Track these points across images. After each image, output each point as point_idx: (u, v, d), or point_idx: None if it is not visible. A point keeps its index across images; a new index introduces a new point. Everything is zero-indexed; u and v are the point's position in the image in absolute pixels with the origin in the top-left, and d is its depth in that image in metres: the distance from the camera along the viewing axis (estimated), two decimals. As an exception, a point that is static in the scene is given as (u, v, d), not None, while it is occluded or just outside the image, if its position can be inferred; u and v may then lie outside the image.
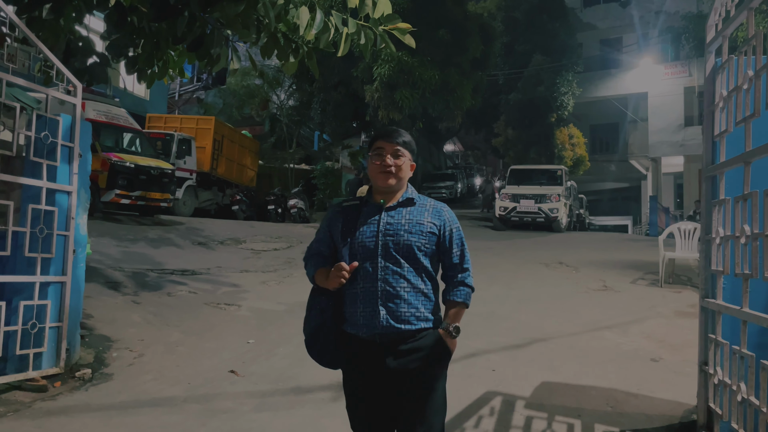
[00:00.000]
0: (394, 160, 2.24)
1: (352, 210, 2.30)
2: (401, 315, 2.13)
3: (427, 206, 2.29)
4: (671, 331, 5.84)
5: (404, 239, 2.17)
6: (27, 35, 4.12)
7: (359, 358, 2.18)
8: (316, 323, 2.24)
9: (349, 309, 2.20)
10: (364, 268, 2.16)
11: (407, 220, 2.21)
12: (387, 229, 2.19)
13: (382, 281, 2.14)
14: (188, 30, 4.31)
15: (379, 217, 2.23)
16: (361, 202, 2.33)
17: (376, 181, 2.27)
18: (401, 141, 2.26)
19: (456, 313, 2.25)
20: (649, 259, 10.08)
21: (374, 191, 2.31)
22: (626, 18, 28.21)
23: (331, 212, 2.37)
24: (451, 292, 2.28)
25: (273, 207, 18.63)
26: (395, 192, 2.28)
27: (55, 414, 3.72)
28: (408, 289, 2.16)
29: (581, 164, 24.89)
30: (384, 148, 2.25)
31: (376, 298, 2.14)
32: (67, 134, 4.44)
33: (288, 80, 22.63)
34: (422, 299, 2.18)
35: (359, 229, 2.22)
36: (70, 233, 4.46)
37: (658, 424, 3.66)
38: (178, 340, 5.42)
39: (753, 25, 2.84)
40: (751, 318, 2.65)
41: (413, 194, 2.32)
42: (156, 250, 9.74)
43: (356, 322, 2.17)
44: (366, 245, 2.18)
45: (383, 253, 2.16)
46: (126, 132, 13.62)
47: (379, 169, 2.24)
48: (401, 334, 2.13)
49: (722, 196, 3.16)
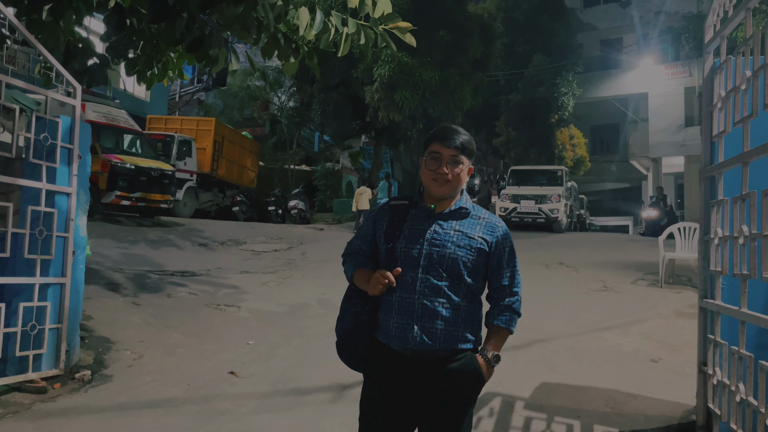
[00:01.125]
0: (452, 169, 2.06)
1: (399, 210, 2.14)
2: (436, 333, 1.99)
3: (481, 219, 2.13)
4: (671, 332, 5.84)
5: (450, 252, 2.02)
6: (26, 37, 4.12)
7: (387, 369, 2.05)
8: (349, 326, 2.13)
9: (383, 317, 2.07)
10: (403, 277, 2.02)
11: (456, 232, 2.06)
12: (434, 238, 2.04)
13: (420, 294, 2.00)
14: (187, 31, 4.32)
15: (427, 224, 2.07)
16: (410, 202, 2.17)
17: (429, 187, 2.11)
18: (459, 145, 2.07)
19: (498, 339, 2.13)
20: (649, 259, 10.07)
21: (426, 193, 2.16)
22: (626, 18, 28.21)
23: (378, 209, 2.22)
24: (495, 316, 2.14)
25: (273, 208, 18.67)
26: (448, 199, 2.13)
27: (54, 415, 3.72)
28: (447, 306, 2.01)
29: (582, 165, 24.92)
30: (441, 153, 2.06)
31: (412, 311, 2.00)
32: (66, 136, 4.45)
33: (288, 81, 22.63)
34: (462, 318, 2.04)
35: (405, 233, 2.07)
36: (69, 235, 4.46)
37: (657, 425, 3.66)
38: (177, 341, 5.42)
39: (751, 26, 2.84)
40: (750, 318, 2.65)
41: (467, 203, 2.14)
42: (156, 252, 9.75)
43: (389, 333, 2.04)
44: (409, 252, 2.04)
45: (426, 264, 2.02)
46: (126, 133, 13.65)
47: (433, 176, 2.07)
48: (434, 354, 2.00)
49: (721, 196, 3.15)
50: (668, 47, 25.23)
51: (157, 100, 21.96)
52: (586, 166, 25.38)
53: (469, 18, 18.54)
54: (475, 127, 29.77)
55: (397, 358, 2.02)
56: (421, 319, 1.99)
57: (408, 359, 2.01)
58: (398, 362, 2.02)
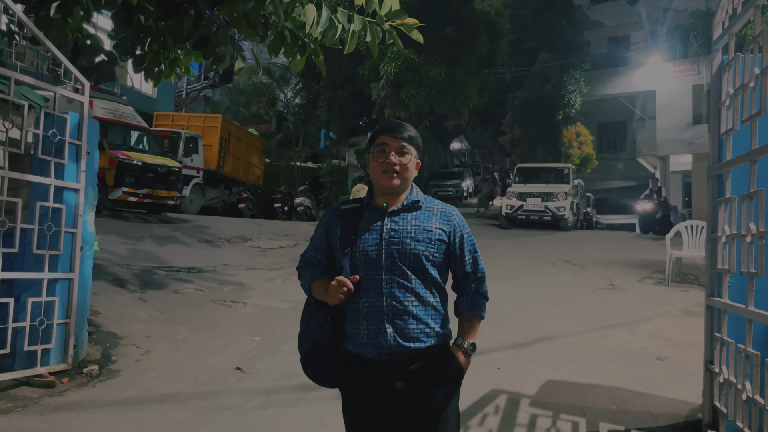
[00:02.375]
0: (399, 158, 2.01)
1: (351, 214, 2.07)
2: (410, 332, 1.93)
3: (435, 210, 2.07)
4: (678, 330, 5.82)
5: (411, 248, 1.96)
6: (35, 34, 4.14)
7: (362, 379, 1.97)
8: (313, 340, 2.04)
9: (351, 326, 1.98)
10: (367, 281, 1.95)
11: (413, 226, 2.00)
12: (391, 236, 1.98)
13: (387, 296, 1.94)
14: (194, 28, 4.33)
15: (382, 222, 2.00)
16: (361, 204, 2.09)
17: (378, 181, 2.04)
18: (407, 136, 2.03)
19: (471, 327, 2.06)
20: (656, 257, 10.04)
21: (376, 193, 2.09)
22: (634, 15, 28.09)
23: (328, 216, 2.13)
24: (464, 304, 2.08)
25: (279, 205, 18.68)
26: (399, 194, 2.06)
27: (62, 409, 3.75)
28: (416, 304, 1.95)
29: (588, 162, 24.85)
30: (387, 145, 2.02)
31: (381, 314, 1.93)
32: (74, 132, 4.47)
33: (295, 78, 22.67)
34: (432, 313, 1.98)
35: (360, 236, 1.99)
36: (77, 230, 4.49)
37: (664, 423, 3.66)
38: (184, 337, 5.45)
39: (759, 23, 2.83)
40: (757, 317, 2.64)
41: (419, 196, 2.09)
42: (163, 248, 9.79)
43: (359, 341, 1.96)
44: (368, 255, 1.96)
45: (388, 263, 1.95)
46: (133, 130, 13.69)
47: (381, 168, 2.01)
48: (410, 353, 1.94)
49: (728, 194, 3.14)
50: (676, 44, 25.10)
51: (164, 97, 22.03)
52: (592, 164, 25.30)
53: (475, 15, 18.53)
54: (482, 125, 29.81)
55: (371, 367, 1.95)
56: (392, 320, 1.93)
57: (383, 365, 1.94)
58: (372, 371, 1.95)
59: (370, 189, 2.14)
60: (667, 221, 15.85)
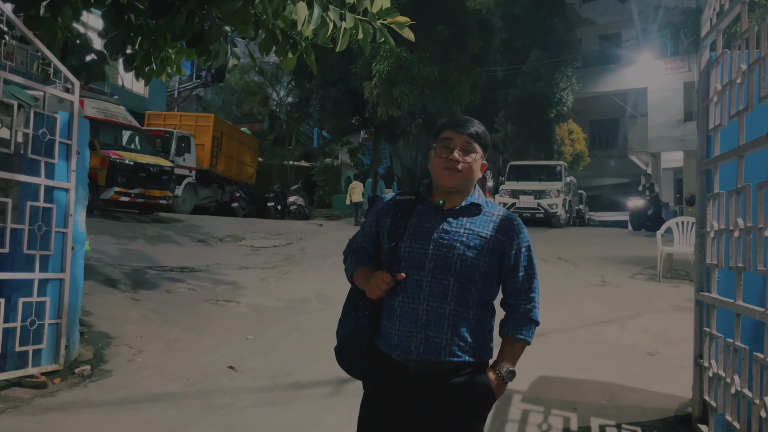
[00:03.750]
0: (464, 157, 1.86)
1: (405, 206, 1.94)
2: (442, 343, 1.79)
3: (494, 216, 1.91)
4: (669, 326, 5.86)
5: (459, 253, 1.81)
6: (24, 33, 4.12)
7: (387, 382, 1.86)
8: (348, 331, 1.96)
9: (385, 324, 1.88)
10: (407, 280, 1.82)
11: (467, 231, 1.85)
12: (442, 237, 1.83)
13: (426, 299, 1.80)
14: (186, 26, 4.32)
15: (435, 222, 1.87)
16: (417, 198, 1.96)
17: (438, 178, 1.90)
18: (474, 132, 1.89)
19: (514, 352, 1.89)
20: (647, 254, 10.09)
21: (435, 189, 1.95)
22: (625, 13, 28.17)
23: (381, 205, 2.02)
24: (510, 326, 1.90)
25: (272, 204, 18.68)
26: (459, 193, 1.91)
27: (54, 410, 3.74)
28: (455, 314, 1.80)
29: (581, 160, 24.94)
30: (452, 140, 1.87)
31: (416, 318, 1.80)
32: (64, 131, 4.45)
33: (287, 77, 22.62)
34: (471, 327, 1.82)
35: (409, 231, 1.87)
36: (68, 230, 4.47)
37: (654, 417, 3.68)
38: (177, 336, 5.44)
39: (746, 19, 2.85)
40: (745, 311, 2.66)
41: (480, 199, 1.93)
42: (155, 248, 9.76)
43: (390, 342, 1.85)
44: (414, 253, 1.83)
45: (433, 266, 1.81)
46: (125, 129, 13.64)
47: (444, 164, 1.87)
48: (440, 366, 1.80)
49: (717, 189, 3.17)
50: (667, 42, 25.20)
51: (156, 96, 21.95)
52: (585, 161, 25.40)
53: (467, 13, 18.53)
54: (474, 123, 29.76)
55: (399, 370, 1.83)
56: (425, 327, 1.79)
57: (410, 371, 1.81)
58: (399, 374, 1.83)
59: (429, 183, 2.01)
60: (659, 218, 15.94)
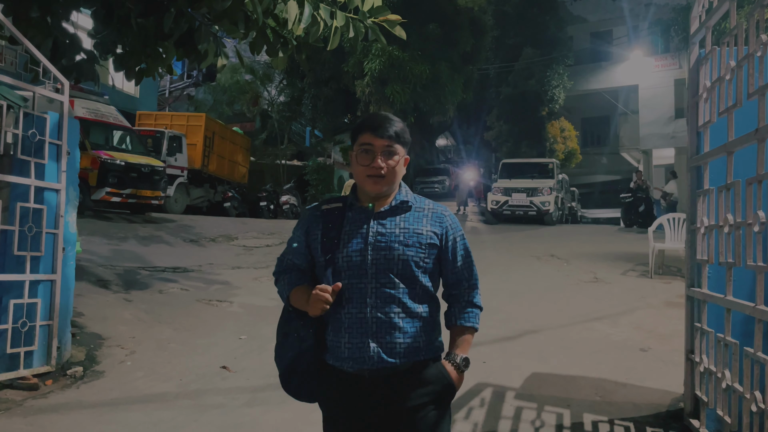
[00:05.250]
0: (386, 161, 1.80)
1: (333, 215, 1.86)
2: (396, 347, 1.75)
3: (425, 210, 1.88)
4: (660, 322, 5.90)
5: (399, 253, 1.77)
6: (14, 33, 4.09)
7: (343, 395, 1.79)
8: (293, 354, 1.85)
9: (332, 338, 1.79)
10: (350, 290, 1.76)
11: (402, 230, 1.81)
12: (378, 240, 1.78)
13: (372, 307, 1.75)
14: (175, 25, 4.30)
15: (367, 225, 1.81)
16: (344, 204, 1.89)
17: (363, 185, 1.84)
18: (393, 134, 1.80)
19: (465, 340, 1.88)
20: (639, 250, 10.14)
21: (360, 192, 1.89)
22: (616, 10, 28.30)
23: (308, 216, 1.92)
24: (457, 316, 1.90)
25: (265, 203, 18.63)
26: (387, 194, 1.87)
27: (46, 412, 3.72)
28: (403, 315, 1.76)
29: (573, 157, 25.03)
30: (372, 145, 1.80)
31: (365, 327, 1.75)
32: (54, 132, 4.42)
33: (279, 76, 22.58)
34: (421, 325, 1.79)
35: (344, 240, 1.80)
36: (59, 231, 4.44)
37: (646, 413, 3.71)
38: (169, 336, 5.42)
39: (735, 16, 2.87)
40: (735, 306, 2.68)
41: (408, 196, 1.89)
42: (147, 248, 9.72)
43: (340, 355, 1.77)
44: (352, 261, 1.77)
45: (374, 271, 1.76)
46: (116, 129, 13.57)
47: (366, 172, 1.81)
48: (395, 369, 1.76)
49: (707, 186, 3.19)
50: (658, 39, 25.34)
51: (147, 96, 21.84)
52: (577, 159, 25.49)
53: (459, 11, 18.56)
54: (467, 121, 29.84)
55: (353, 381, 1.77)
56: (376, 334, 1.74)
57: (366, 381, 1.76)
58: (355, 386, 1.77)
59: (353, 187, 1.95)
60: (651, 214, 16.01)
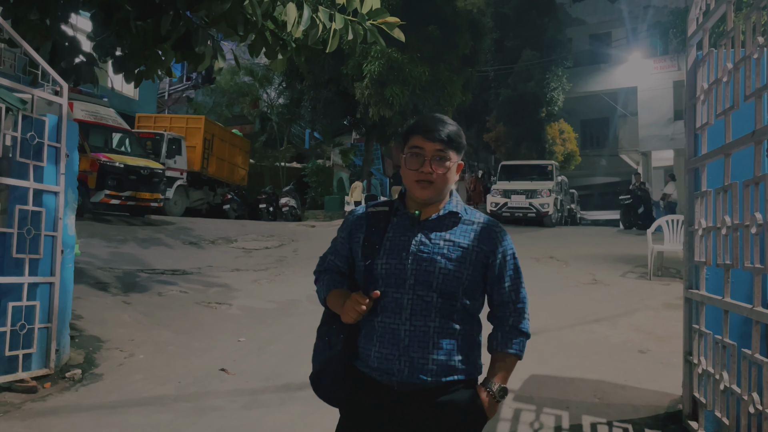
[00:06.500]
0: (437, 168, 1.70)
1: (378, 218, 1.79)
2: (427, 363, 1.65)
3: (475, 224, 1.77)
4: (659, 323, 5.89)
5: (441, 267, 1.68)
6: (12, 36, 4.09)
7: (368, 403, 1.71)
8: (323, 358, 1.79)
9: (364, 345, 1.73)
10: (386, 299, 1.69)
11: (447, 242, 1.71)
12: (420, 250, 1.69)
13: (407, 319, 1.67)
14: (173, 28, 4.30)
15: (411, 234, 1.73)
16: (390, 208, 1.80)
17: (411, 190, 1.75)
18: (445, 137, 1.70)
19: (505, 368, 1.76)
20: (638, 252, 10.14)
21: (408, 197, 1.80)
22: (615, 13, 28.33)
23: (353, 218, 1.85)
24: (500, 341, 1.77)
25: (264, 205, 18.64)
26: (435, 202, 1.77)
27: (44, 414, 3.71)
28: (439, 331, 1.67)
29: (572, 159, 25.05)
30: (423, 149, 1.70)
31: (398, 340, 1.66)
32: (53, 134, 4.42)
33: (278, 78, 22.57)
34: (458, 344, 1.70)
35: (386, 246, 1.72)
36: (57, 234, 4.44)
37: (645, 415, 3.71)
38: (168, 339, 5.42)
39: (732, 18, 2.87)
40: (733, 308, 2.69)
41: (458, 207, 1.78)
42: (146, 251, 9.72)
43: (370, 364, 1.70)
44: (392, 270, 1.69)
45: (413, 282, 1.67)
46: (115, 132, 13.58)
47: (414, 177, 1.71)
48: (426, 386, 1.66)
49: (704, 187, 3.20)
50: (657, 41, 25.36)
51: (146, 98, 21.85)
52: (576, 161, 25.50)
53: (458, 13, 18.55)
54: (466, 123, 29.83)
55: (381, 390, 1.69)
56: (408, 349, 1.66)
57: (394, 392, 1.68)
58: (382, 395, 1.69)
59: (402, 191, 1.86)
60: (650, 216, 16.03)
